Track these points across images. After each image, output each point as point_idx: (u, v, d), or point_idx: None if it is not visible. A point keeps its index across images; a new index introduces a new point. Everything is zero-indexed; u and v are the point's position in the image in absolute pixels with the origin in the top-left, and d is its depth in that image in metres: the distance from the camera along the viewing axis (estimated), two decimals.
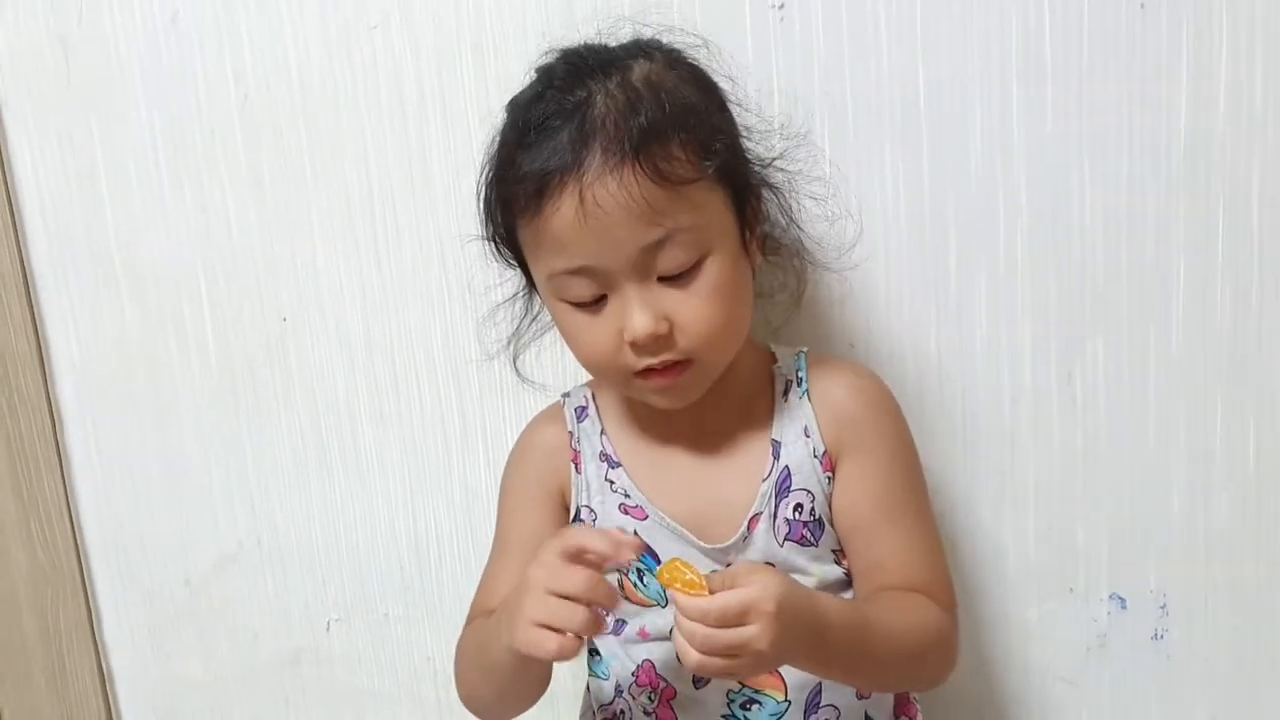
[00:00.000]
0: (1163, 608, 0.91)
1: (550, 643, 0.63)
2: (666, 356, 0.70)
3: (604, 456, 0.78)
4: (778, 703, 0.74)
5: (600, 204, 0.66)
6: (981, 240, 0.86)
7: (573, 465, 0.79)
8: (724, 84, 0.75)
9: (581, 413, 0.81)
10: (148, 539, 0.97)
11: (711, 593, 0.62)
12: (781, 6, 0.84)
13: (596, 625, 0.65)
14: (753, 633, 0.61)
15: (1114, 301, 0.86)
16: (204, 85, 0.89)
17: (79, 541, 0.97)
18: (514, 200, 0.70)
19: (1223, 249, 0.85)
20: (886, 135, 0.85)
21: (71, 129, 0.91)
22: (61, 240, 0.93)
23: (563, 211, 0.67)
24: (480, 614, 0.79)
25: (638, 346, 0.69)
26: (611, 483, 0.78)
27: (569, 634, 0.64)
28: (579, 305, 0.71)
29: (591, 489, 0.78)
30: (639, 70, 0.70)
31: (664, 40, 0.75)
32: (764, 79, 0.84)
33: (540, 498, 0.79)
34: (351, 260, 0.91)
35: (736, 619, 0.61)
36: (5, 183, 0.92)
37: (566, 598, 0.64)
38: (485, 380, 0.91)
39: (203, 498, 0.96)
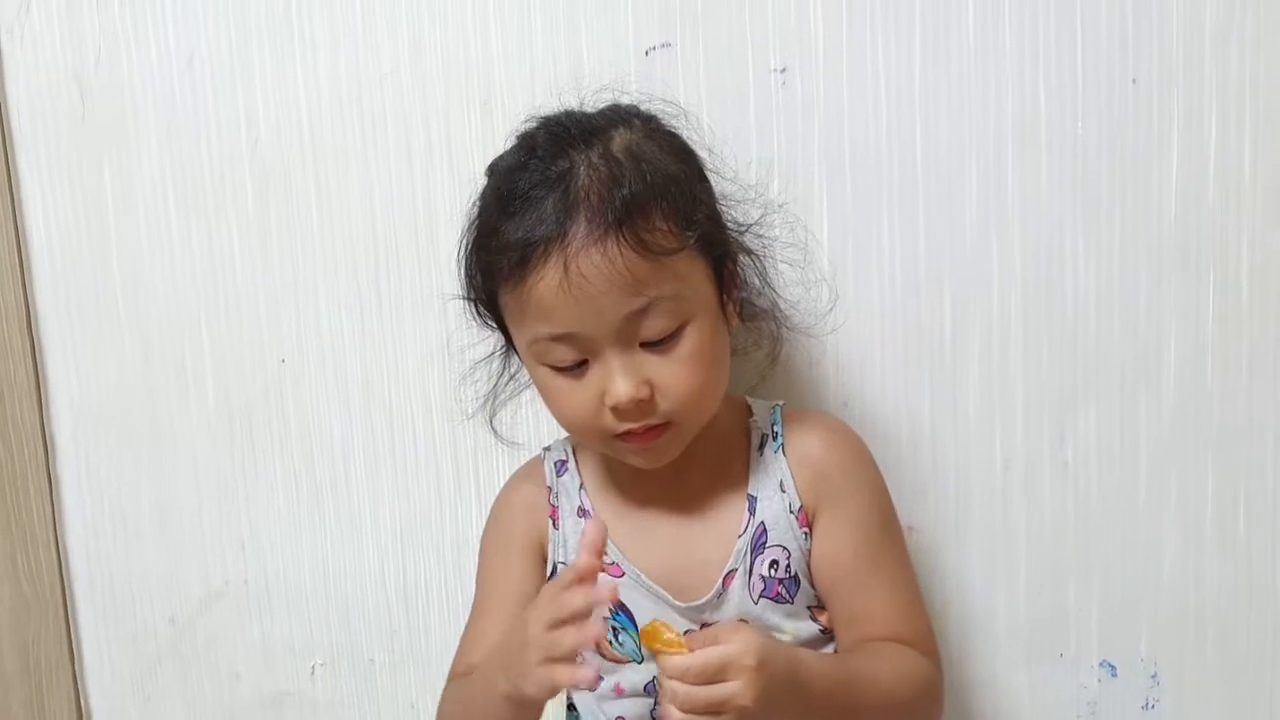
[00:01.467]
0: (1153, 677, 0.89)
1: (568, 671, 0.61)
2: (648, 421, 0.70)
3: (582, 511, 0.78)
4: None
5: (584, 274, 0.66)
6: (975, 304, 0.86)
7: (550, 521, 0.78)
8: (701, 153, 0.76)
9: (561, 467, 0.80)
10: (135, 575, 0.95)
11: (691, 651, 0.61)
12: (783, 70, 0.85)
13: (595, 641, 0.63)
14: (734, 689, 0.60)
15: (1106, 367, 0.86)
16: (215, 128, 0.90)
17: (64, 576, 0.95)
18: (497, 268, 0.70)
19: (1213, 317, 0.85)
20: (884, 198, 0.85)
21: (83, 167, 0.91)
22: (67, 276, 0.93)
23: (547, 280, 0.67)
24: (462, 672, 0.77)
25: (619, 411, 0.69)
26: None
27: (580, 659, 0.62)
28: (560, 370, 0.71)
29: (569, 545, 0.77)
30: (620, 140, 0.70)
31: (642, 108, 0.75)
32: (764, 141, 0.85)
33: (519, 554, 0.79)
34: (352, 306, 0.91)
35: (717, 675, 0.60)
36: (14, 217, 0.92)
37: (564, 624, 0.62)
38: (479, 431, 0.90)
39: (192, 536, 0.95)
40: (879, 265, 0.86)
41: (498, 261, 0.69)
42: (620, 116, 0.73)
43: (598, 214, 0.67)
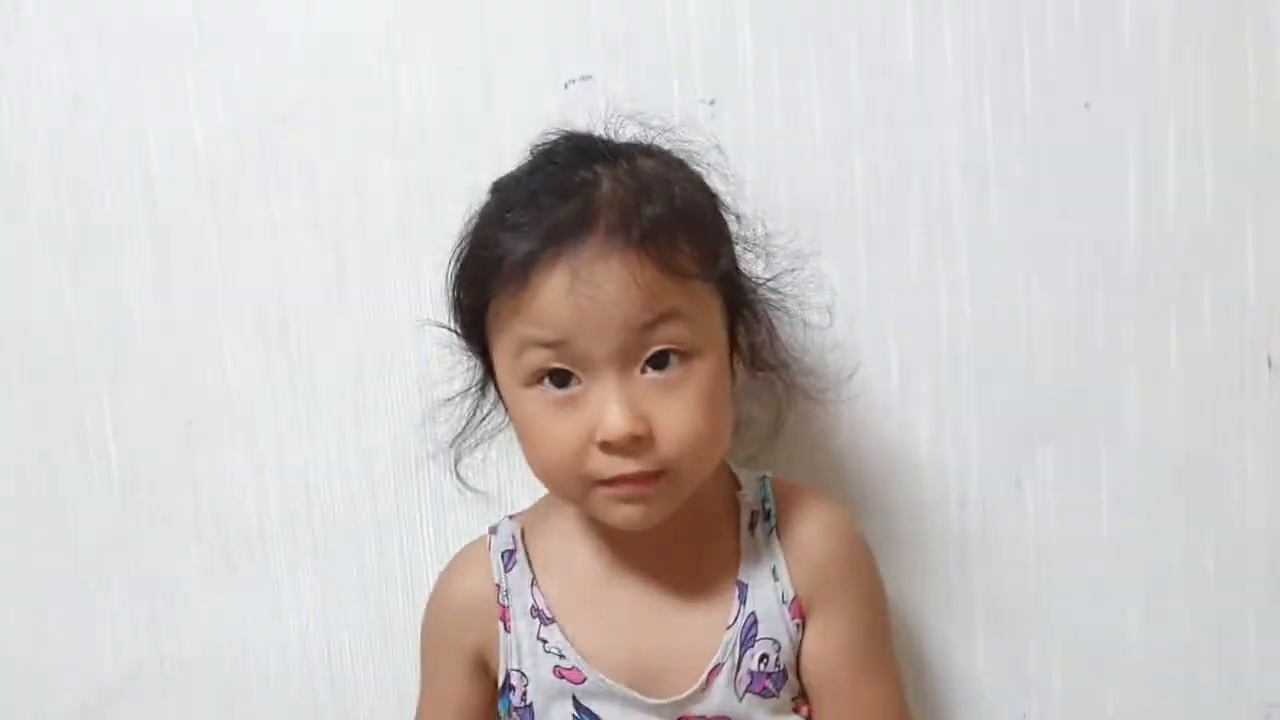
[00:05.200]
0: None
1: None
2: (640, 467, 0.59)
3: (535, 611, 0.67)
4: None
5: (598, 281, 0.57)
6: (923, 342, 0.78)
7: (501, 624, 0.68)
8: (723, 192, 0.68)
9: (509, 559, 0.69)
10: (43, 660, 0.86)
11: None
12: (713, 102, 0.76)
13: None
14: None
15: (1064, 408, 0.78)
16: (108, 181, 0.80)
17: None
18: (494, 274, 0.60)
19: (1176, 352, 0.77)
20: (822, 236, 0.76)
21: None
22: None
23: (554, 283, 0.58)
24: None
25: (610, 447, 0.59)
26: (544, 641, 0.67)
27: None
28: (547, 393, 0.60)
29: (523, 650, 0.67)
30: (646, 164, 0.63)
31: (666, 143, 0.67)
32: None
33: (459, 662, 0.69)
34: (261, 362, 0.81)
35: None
36: None
37: None
38: (404, 499, 0.81)
39: (102, 614, 0.85)
40: (818, 305, 0.78)
41: (496, 266, 0.60)
42: (644, 148, 0.65)
43: (619, 226, 0.58)
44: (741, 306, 0.66)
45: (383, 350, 0.80)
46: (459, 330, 0.66)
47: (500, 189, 0.65)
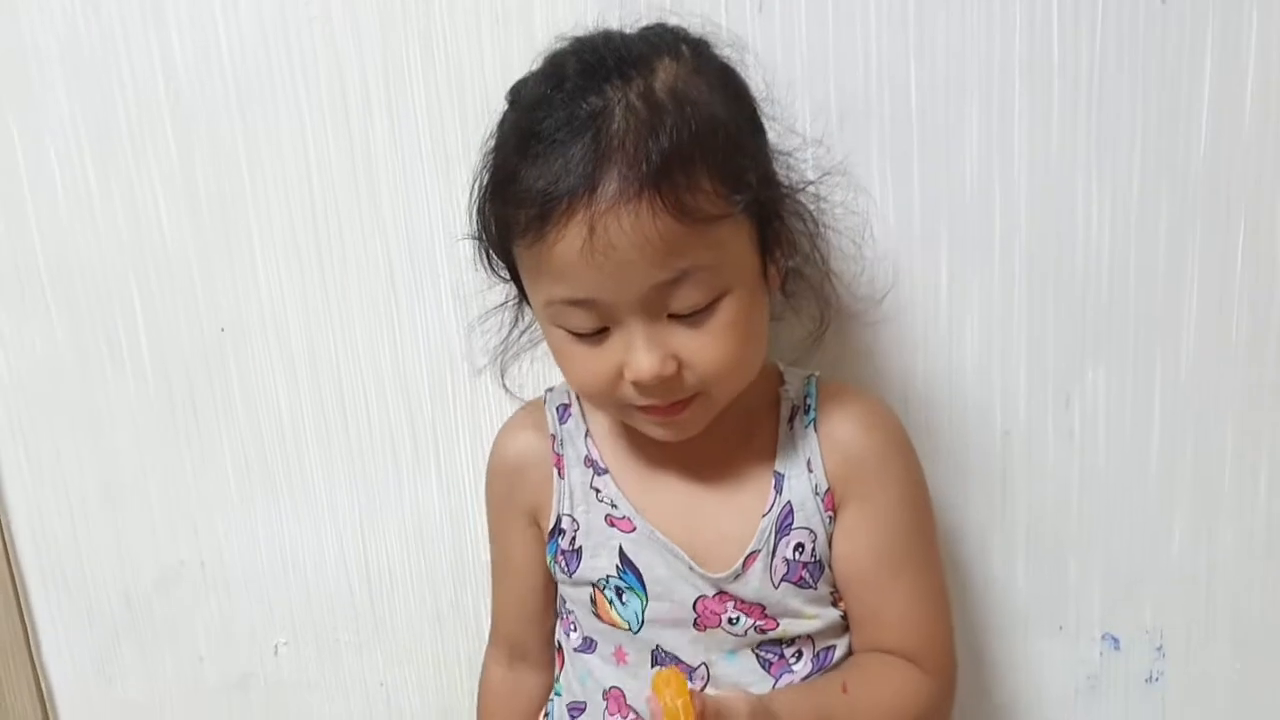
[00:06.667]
0: (1159, 649, 0.80)
1: None
2: (673, 396, 0.60)
3: (589, 461, 0.68)
4: None
5: (612, 240, 0.55)
6: (975, 254, 0.74)
7: (555, 470, 0.68)
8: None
9: (564, 412, 0.70)
10: (85, 556, 0.87)
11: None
12: None
13: None
14: None
15: (1119, 325, 0.75)
16: (130, 78, 0.77)
17: (12, 557, 0.87)
18: (513, 220, 0.58)
19: (1241, 271, 0.73)
20: (874, 139, 0.73)
21: None
22: None
23: (569, 240, 0.55)
24: (502, 642, 0.74)
25: (641, 386, 0.59)
26: (597, 490, 0.67)
27: None
28: (578, 335, 0.60)
29: (575, 496, 0.67)
30: (664, 75, 0.57)
31: (690, 30, 0.62)
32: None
33: (521, 520, 0.70)
34: (292, 267, 0.80)
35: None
36: None
37: None
38: (436, 397, 0.80)
39: (141, 516, 0.86)
40: (868, 212, 0.74)
41: (515, 213, 0.57)
42: (666, 42, 0.60)
43: (633, 168, 0.54)
44: (775, 225, 0.62)
45: (415, 254, 0.78)
46: (489, 257, 0.64)
47: (515, 109, 0.61)
